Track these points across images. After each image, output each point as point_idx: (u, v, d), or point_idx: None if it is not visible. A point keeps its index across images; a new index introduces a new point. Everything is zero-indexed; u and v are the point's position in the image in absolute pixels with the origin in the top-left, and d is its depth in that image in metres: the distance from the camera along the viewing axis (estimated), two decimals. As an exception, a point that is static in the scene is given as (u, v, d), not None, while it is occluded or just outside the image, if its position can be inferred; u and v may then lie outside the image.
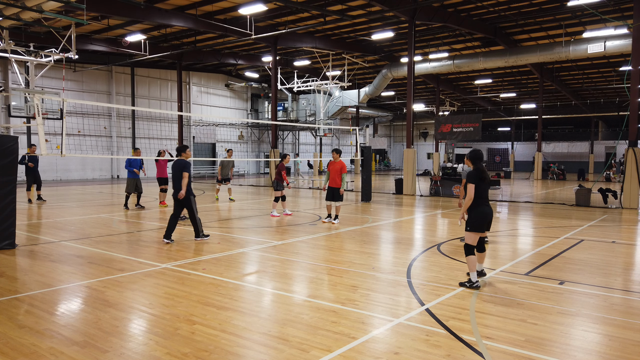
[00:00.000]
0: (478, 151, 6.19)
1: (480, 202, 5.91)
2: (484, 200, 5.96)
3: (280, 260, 7.42)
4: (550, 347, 4.13)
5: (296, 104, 36.98)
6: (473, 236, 5.91)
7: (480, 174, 5.94)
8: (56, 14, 14.98)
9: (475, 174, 5.95)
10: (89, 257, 7.55)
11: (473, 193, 5.88)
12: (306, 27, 21.47)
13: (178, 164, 8.80)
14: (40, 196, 15.50)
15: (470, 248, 5.90)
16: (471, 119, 18.35)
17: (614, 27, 20.66)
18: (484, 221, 5.92)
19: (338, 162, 11.09)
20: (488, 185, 6.09)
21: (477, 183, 5.91)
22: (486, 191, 6.03)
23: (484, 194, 5.97)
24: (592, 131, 46.02)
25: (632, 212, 13.85)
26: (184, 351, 3.98)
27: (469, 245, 5.91)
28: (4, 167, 7.83)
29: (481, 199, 5.92)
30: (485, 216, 5.91)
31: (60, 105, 20.58)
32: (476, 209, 5.91)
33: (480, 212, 5.89)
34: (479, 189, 5.92)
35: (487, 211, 5.95)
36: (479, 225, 5.89)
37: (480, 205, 5.91)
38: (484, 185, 5.97)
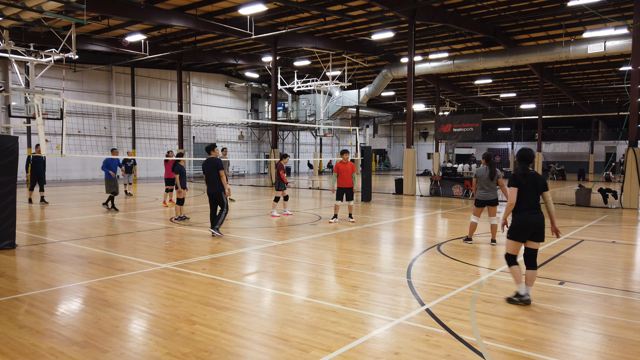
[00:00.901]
0: (525, 151, 5.49)
1: (522, 208, 5.28)
2: (528, 205, 5.27)
3: (280, 260, 7.42)
4: (550, 347, 4.13)
5: (296, 104, 36.99)
6: (511, 244, 5.35)
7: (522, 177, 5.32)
8: (56, 14, 14.98)
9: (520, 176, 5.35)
10: (89, 257, 7.55)
11: (514, 198, 5.30)
12: (306, 27, 21.46)
13: (212, 162, 9.34)
14: (43, 198, 15.30)
15: (509, 258, 5.39)
16: (471, 119, 18.35)
17: (614, 27, 20.65)
18: (524, 229, 5.25)
19: (349, 163, 11.36)
20: (536, 189, 5.34)
21: (518, 186, 5.31)
22: (531, 196, 5.30)
23: (527, 199, 5.28)
24: (592, 131, 46.02)
25: (632, 212, 13.85)
26: (184, 351, 3.98)
27: (508, 255, 5.40)
28: (4, 167, 7.83)
29: (524, 204, 5.28)
30: (526, 224, 5.24)
31: (60, 105, 20.58)
32: (516, 214, 5.33)
33: (520, 219, 5.27)
34: (524, 194, 5.29)
35: (530, 219, 5.23)
36: (516, 232, 5.29)
37: (521, 211, 5.29)
38: (527, 189, 5.30)
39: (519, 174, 5.34)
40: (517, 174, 5.35)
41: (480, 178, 8.68)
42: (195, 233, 9.89)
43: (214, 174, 9.30)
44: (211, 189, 9.41)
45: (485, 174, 8.62)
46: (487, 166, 8.69)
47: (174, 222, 11.27)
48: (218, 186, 9.33)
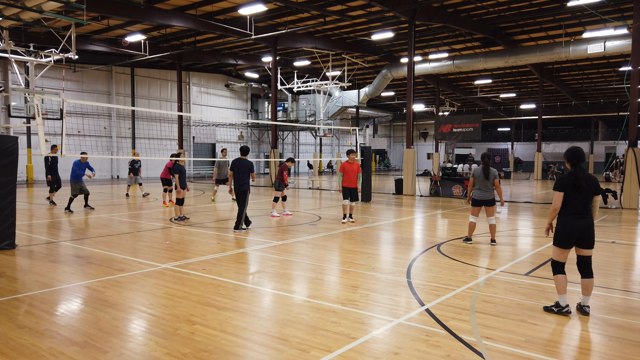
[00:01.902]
0: (576, 150, 5.06)
1: (568, 212, 4.93)
2: (575, 209, 4.91)
3: (280, 260, 7.42)
4: (550, 347, 4.13)
5: (296, 104, 36.99)
6: (556, 251, 5.03)
7: (576, 180, 4.88)
8: (56, 14, 14.99)
9: (568, 179, 4.95)
10: (88, 257, 7.54)
11: (559, 203, 4.93)
12: (306, 27, 21.47)
13: (244, 164, 10.04)
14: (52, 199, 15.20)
15: (555, 265, 5.04)
16: (471, 119, 18.36)
17: (614, 27, 20.66)
18: (566, 235, 4.93)
19: (355, 163, 11.47)
20: (587, 192, 4.91)
21: (566, 191, 4.92)
22: (579, 199, 4.90)
23: (575, 204, 4.90)
24: (592, 131, 46.03)
25: (632, 212, 13.85)
26: (183, 351, 3.98)
27: (554, 262, 5.06)
28: (4, 167, 7.83)
29: (569, 209, 4.92)
30: (570, 229, 4.89)
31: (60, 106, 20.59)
32: (562, 218, 4.97)
33: (564, 223, 4.93)
34: (570, 198, 4.92)
35: (573, 224, 4.88)
36: (560, 238, 4.96)
37: (566, 215, 4.94)
38: (577, 192, 4.90)
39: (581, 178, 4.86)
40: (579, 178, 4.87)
41: (477, 178, 8.68)
42: (195, 233, 9.89)
43: (245, 174, 10.02)
44: (242, 187, 10.07)
45: (481, 174, 8.62)
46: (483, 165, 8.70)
47: (174, 222, 11.27)
48: (244, 185, 10.03)
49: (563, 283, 4.95)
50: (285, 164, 12.81)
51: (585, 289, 4.97)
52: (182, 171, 11.82)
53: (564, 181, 4.95)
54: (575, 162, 5.01)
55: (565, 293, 4.94)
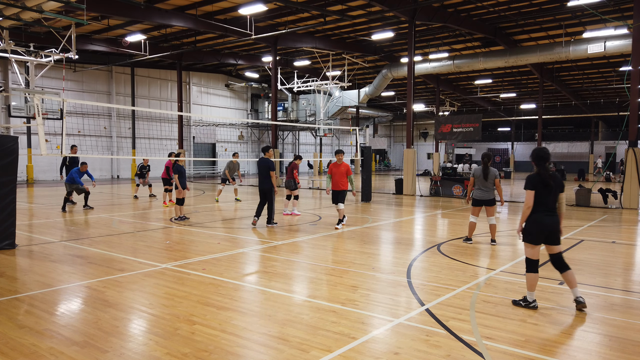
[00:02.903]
0: (542, 150, 5.23)
1: (537, 210, 5.09)
2: (544, 207, 5.09)
3: (280, 260, 7.42)
4: (550, 347, 4.13)
5: (296, 104, 36.99)
6: (528, 249, 5.15)
7: (542, 178, 5.07)
8: (56, 14, 14.98)
9: (537, 178, 5.10)
10: (89, 257, 7.55)
11: (531, 201, 5.07)
12: (306, 27, 21.47)
13: (265, 163, 10.53)
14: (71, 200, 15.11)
15: (530, 263, 5.13)
16: (471, 119, 18.35)
17: (614, 27, 20.66)
18: (536, 232, 5.08)
19: (343, 164, 10.54)
20: (554, 190, 5.11)
21: (538, 189, 5.07)
22: (549, 197, 5.10)
23: (545, 202, 5.09)
24: (592, 131, 46.02)
25: (632, 212, 13.85)
26: (184, 351, 3.98)
27: (528, 260, 5.15)
28: (4, 167, 7.83)
29: (540, 206, 5.08)
30: (541, 226, 5.06)
31: (60, 105, 20.59)
32: (533, 215, 5.10)
33: (535, 220, 5.08)
34: (541, 196, 5.08)
35: (546, 221, 5.06)
36: (531, 235, 5.10)
37: (537, 213, 5.08)
38: (546, 190, 5.08)
39: (546, 176, 5.06)
40: (545, 176, 5.06)
41: (477, 178, 8.66)
42: (195, 233, 9.89)
43: (266, 173, 10.46)
44: (262, 185, 10.62)
45: (481, 174, 8.61)
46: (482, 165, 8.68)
47: (174, 222, 11.27)
48: (268, 183, 10.50)
49: (535, 281, 5.11)
50: (295, 163, 12.90)
51: (569, 282, 5.12)
52: (182, 171, 11.83)
53: (534, 180, 5.12)
54: (539, 162, 5.18)
55: (534, 291, 5.13)
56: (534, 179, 5.12)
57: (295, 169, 12.81)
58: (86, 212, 13.21)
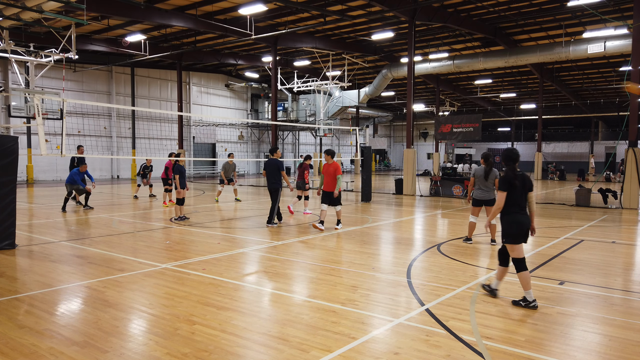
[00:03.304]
0: (511, 150, 5.38)
1: (513, 210, 5.21)
2: (518, 206, 5.22)
3: (280, 260, 7.42)
4: (550, 347, 4.13)
5: (296, 104, 36.99)
6: (515, 248, 5.22)
7: (514, 179, 5.19)
8: (56, 14, 14.98)
9: (511, 179, 5.20)
10: (89, 257, 7.55)
11: (503, 202, 5.19)
12: (306, 27, 21.47)
13: (274, 163, 10.57)
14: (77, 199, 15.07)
15: (517, 262, 5.21)
16: (471, 119, 18.35)
17: (614, 27, 20.66)
18: (520, 229, 5.17)
19: (332, 165, 10.30)
20: (526, 190, 5.27)
21: (512, 190, 5.20)
22: (521, 197, 5.24)
23: (519, 202, 5.22)
24: (592, 131, 46.02)
25: (632, 212, 13.85)
26: (184, 351, 3.98)
27: (515, 260, 5.23)
28: (4, 167, 7.83)
29: (516, 206, 5.20)
30: (520, 224, 5.17)
31: (60, 105, 20.58)
32: (509, 216, 5.22)
33: (514, 221, 5.18)
34: (514, 196, 5.20)
35: (522, 220, 5.19)
36: (514, 235, 5.18)
37: (513, 213, 5.21)
38: (518, 191, 5.21)
39: (512, 177, 5.20)
40: (511, 177, 5.20)
41: (478, 178, 8.67)
42: (195, 233, 9.89)
43: (275, 173, 10.56)
44: (271, 185, 10.63)
45: (482, 174, 8.61)
46: (485, 166, 8.69)
47: (174, 222, 11.28)
48: (275, 183, 10.57)
49: (528, 278, 5.17)
50: (306, 164, 13.20)
51: (499, 276, 5.41)
52: (182, 172, 11.84)
53: (509, 180, 5.21)
54: (509, 163, 5.30)
55: (531, 289, 5.18)
56: (509, 179, 5.22)
57: (306, 169, 13.09)
58: (86, 212, 13.21)
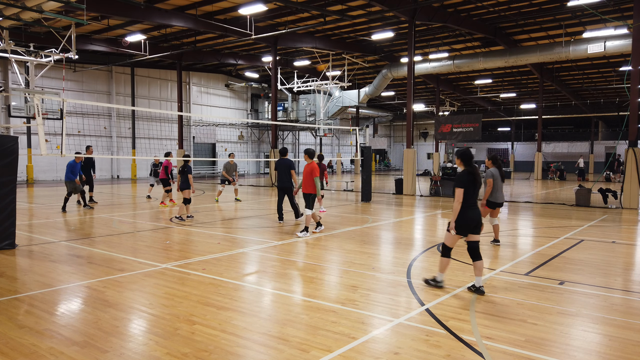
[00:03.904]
0: (468, 150, 5.76)
1: (465, 205, 5.54)
2: (470, 204, 5.57)
3: (280, 260, 7.42)
4: (550, 347, 4.13)
5: (296, 104, 36.99)
6: (452, 238, 5.66)
7: (473, 177, 5.56)
8: (56, 14, 14.98)
9: (467, 177, 5.55)
10: (89, 257, 7.55)
11: (462, 198, 5.49)
12: (306, 27, 21.46)
13: (286, 163, 10.94)
14: (92, 198, 15.19)
15: (446, 249, 5.73)
16: (471, 119, 18.35)
17: (614, 27, 20.66)
18: (465, 225, 5.55)
19: (309, 165, 9.80)
20: (478, 187, 5.66)
21: (468, 187, 5.52)
22: (474, 193, 5.61)
23: (470, 198, 5.57)
24: (592, 131, 46.02)
25: (632, 212, 13.85)
26: (184, 351, 3.98)
27: (445, 246, 5.73)
28: (4, 167, 7.83)
29: (466, 202, 5.54)
30: (466, 219, 5.54)
31: (60, 105, 20.59)
32: (460, 211, 5.55)
33: (463, 215, 5.52)
34: (468, 193, 5.53)
35: (470, 215, 5.54)
36: (460, 227, 5.56)
37: (465, 208, 5.53)
38: (472, 187, 5.56)
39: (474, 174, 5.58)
40: (474, 174, 5.58)
41: (496, 179, 8.30)
42: (195, 233, 9.89)
43: (286, 172, 10.88)
44: (281, 184, 10.99)
45: (499, 176, 8.34)
46: (495, 167, 8.41)
47: (175, 222, 11.28)
48: (287, 182, 10.97)
49: (447, 265, 5.78)
50: (323, 164, 13.63)
51: (478, 270, 5.67)
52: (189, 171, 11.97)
53: (464, 178, 5.56)
54: (469, 162, 5.69)
55: (444, 273, 5.82)
56: (465, 178, 5.56)
57: (324, 169, 13.65)
58: (87, 212, 13.21)
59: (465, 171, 5.61)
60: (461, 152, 5.75)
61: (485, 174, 8.44)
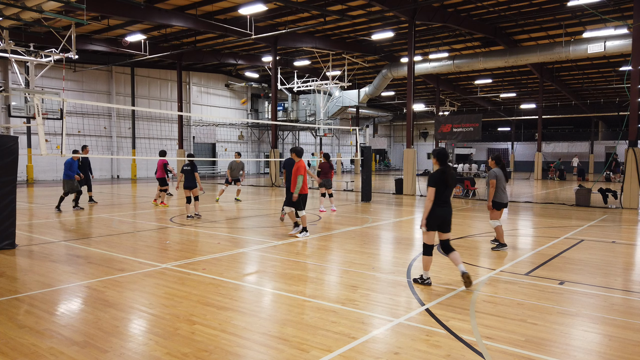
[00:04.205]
0: (443, 150, 5.96)
1: (437, 203, 5.77)
2: (442, 201, 5.79)
3: (280, 260, 7.42)
4: (550, 347, 4.13)
5: (296, 104, 36.98)
6: (425, 236, 5.92)
7: (445, 177, 5.75)
8: (56, 14, 14.98)
9: (438, 177, 5.75)
10: (89, 257, 7.55)
11: (433, 196, 5.73)
12: (306, 27, 21.47)
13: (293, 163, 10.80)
14: (91, 197, 15.26)
15: (426, 247, 5.91)
16: (471, 119, 18.35)
17: (614, 27, 20.65)
18: (436, 222, 5.80)
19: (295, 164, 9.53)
20: (451, 186, 5.84)
21: (439, 186, 5.73)
22: (446, 192, 5.82)
23: (443, 196, 5.79)
24: (592, 131, 46.01)
25: (632, 212, 13.85)
26: (184, 351, 3.98)
27: (426, 245, 5.93)
28: (4, 167, 7.83)
29: (439, 200, 5.77)
30: (437, 217, 5.78)
31: (60, 105, 20.59)
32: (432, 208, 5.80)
33: (433, 212, 5.78)
34: (440, 191, 5.74)
35: (441, 213, 5.78)
36: (429, 224, 5.81)
37: (435, 205, 5.78)
38: (444, 186, 5.76)
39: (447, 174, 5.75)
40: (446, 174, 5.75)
41: (500, 180, 8.15)
42: (195, 233, 9.89)
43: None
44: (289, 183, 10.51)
45: (503, 176, 8.19)
46: (497, 167, 8.23)
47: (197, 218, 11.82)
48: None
49: (429, 262, 5.94)
50: (331, 162, 13.98)
51: (455, 260, 5.85)
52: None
53: (436, 178, 5.77)
54: (444, 161, 5.89)
55: (429, 270, 5.97)
56: (437, 177, 5.77)
57: (332, 168, 13.93)
58: (78, 213, 12.97)
59: (439, 170, 5.81)
60: (437, 152, 5.95)
61: (489, 174, 8.35)
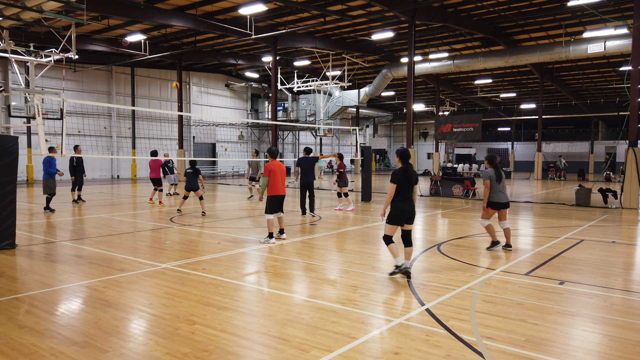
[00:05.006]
0: (406, 150, 6.39)
1: (400, 199, 6.22)
2: (404, 197, 6.23)
3: (280, 260, 7.42)
4: (550, 347, 4.13)
5: (296, 104, 36.98)
6: (390, 228, 6.31)
7: (406, 174, 6.20)
8: (56, 14, 14.98)
9: (400, 174, 6.20)
10: (89, 257, 7.55)
11: (393, 192, 6.21)
12: (306, 27, 21.46)
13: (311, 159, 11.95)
14: (80, 197, 15.41)
15: (387, 238, 6.33)
16: (471, 119, 18.35)
17: (614, 27, 20.65)
18: (400, 216, 6.23)
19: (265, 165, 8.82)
20: (413, 183, 6.31)
21: (400, 183, 6.18)
22: (409, 189, 6.28)
23: (405, 193, 6.23)
24: (592, 131, 46.00)
25: (632, 212, 13.85)
26: (184, 351, 3.98)
27: (386, 236, 6.33)
28: (4, 167, 7.83)
29: (401, 196, 6.22)
30: (404, 212, 6.22)
31: (60, 105, 20.58)
32: (394, 204, 6.25)
33: (397, 208, 6.22)
34: (401, 188, 6.19)
35: (404, 207, 6.22)
36: (395, 218, 6.25)
37: (398, 202, 6.22)
38: (408, 184, 6.22)
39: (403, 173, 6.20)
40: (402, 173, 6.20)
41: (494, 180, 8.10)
42: (195, 233, 9.89)
43: (312, 168, 11.84)
44: (305, 180, 11.79)
45: (494, 177, 8.18)
46: (491, 168, 8.22)
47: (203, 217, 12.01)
48: (311, 177, 11.78)
49: (395, 249, 6.30)
50: (342, 163, 14.09)
51: (408, 255, 6.38)
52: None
53: (399, 175, 6.21)
54: (406, 160, 6.33)
55: (398, 256, 6.29)
56: (399, 175, 6.21)
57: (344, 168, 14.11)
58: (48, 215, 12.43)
59: (401, 169, 6.28)
60: (400, 152, 6.40)
61: (482, 175, 8.35)
